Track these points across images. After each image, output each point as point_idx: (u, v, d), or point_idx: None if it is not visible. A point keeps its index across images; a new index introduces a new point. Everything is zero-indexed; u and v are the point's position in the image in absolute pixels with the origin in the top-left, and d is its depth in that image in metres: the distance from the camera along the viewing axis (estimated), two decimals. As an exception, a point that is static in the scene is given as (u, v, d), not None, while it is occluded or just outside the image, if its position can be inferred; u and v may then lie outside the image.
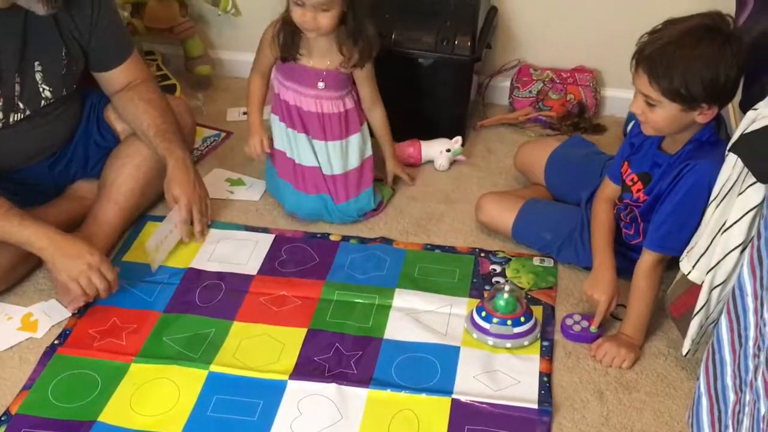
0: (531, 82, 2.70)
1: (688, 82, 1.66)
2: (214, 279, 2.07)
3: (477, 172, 2.48)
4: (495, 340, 1.87)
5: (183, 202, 2.07)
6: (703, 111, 1.71)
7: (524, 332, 1.87)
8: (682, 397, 1.78)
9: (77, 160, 2.20)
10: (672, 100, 1.70)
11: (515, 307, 1.88)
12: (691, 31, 1.68)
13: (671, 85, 1.68)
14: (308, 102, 2.17)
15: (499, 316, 1.87)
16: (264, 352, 1.86)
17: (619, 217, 1.99)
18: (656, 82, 1.69)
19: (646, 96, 1.72)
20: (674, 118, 1.74)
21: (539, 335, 1.90)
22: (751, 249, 1.39)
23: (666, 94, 1.69)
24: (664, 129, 1.78)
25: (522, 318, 1.87)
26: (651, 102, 1.73)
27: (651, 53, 1.69)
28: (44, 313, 1.97)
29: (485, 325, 1.88)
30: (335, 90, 2.18)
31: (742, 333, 1.40)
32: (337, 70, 2.16)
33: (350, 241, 2.20)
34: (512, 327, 1.86)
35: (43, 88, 2.01)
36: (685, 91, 1.67)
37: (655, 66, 1.68)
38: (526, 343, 1.88)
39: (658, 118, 1.75)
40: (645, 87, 1.72)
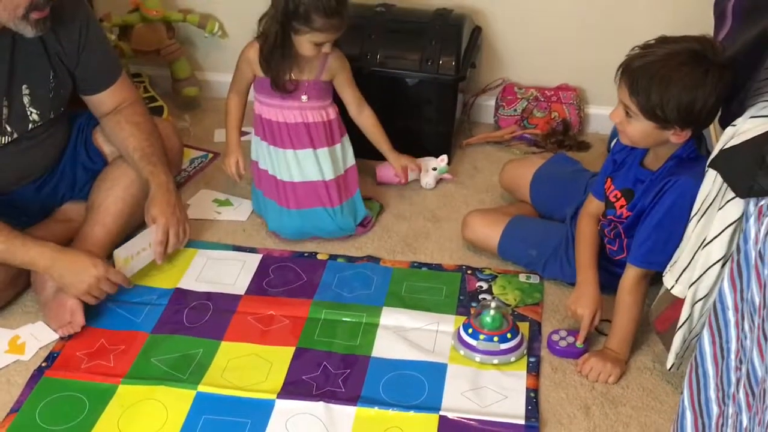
0: (516, 100, 2.73)
1: (664, 103, 1.68)
2: (202, 299, 2.07)
3: (463, 190, 2.50)
4: (482, 357, 1.88)
5: (160, 223, 2.08)
6: (676, 132, 1.74)
7: (511, 348, 1.89)
8: (667, 411, 1.79)
9: (65, 182, 2.21)
10: (647, 117, 1.73)
11: (502, 323, 1.89)
12: (677, 53, 1.69)
13: (648, 104, 1.70)
14: (294, 114, 2.19)
15: (486, 332, 1.88)
16: (252, 371, 1.87)
17: (603, 233, 2.01)
18: (635, 96, 1.72)
19: (626, 106, 1.75)
20: (648, 134, 1.77)
21: (526, 351, 1.91)
22: (731, 263, 1.41)
23: (641, 110, 1.72)
24: (639, 142, 1.81)
25: (508, 334, 1.89)
26: (629, 113, 1.76)
27: (636, 68, 1.71)
28: (32, 336, 1.97)
29: (472, 341, 1.89)
30: (318, 100, 2.21)
31: (724, 346, 1.41)
32: (317, 80, 2.18)
33: (338, 259, 2.21)
34: (499, 343, 1.87)
35: (30, 111, 2.02)
36: (660, 111, 1.70)
37: (636, 81, 1.71)
38: (512, 359, 1.89)
39: (634, 130, 1.78)
40: (625, 98, 1.75)
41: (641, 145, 1.84)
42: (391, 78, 2.49)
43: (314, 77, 2.19)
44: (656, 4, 2.51)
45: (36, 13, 1.83)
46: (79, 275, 1.92)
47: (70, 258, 1.93)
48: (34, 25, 1.86)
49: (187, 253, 2.21)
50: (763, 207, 1.34)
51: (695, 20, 2.00)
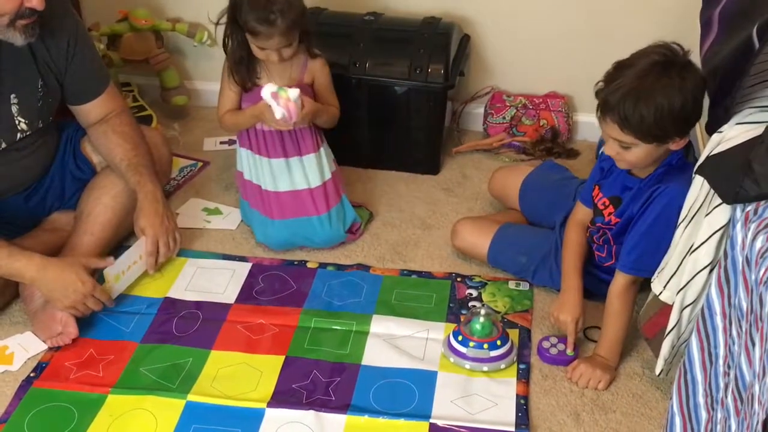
0: (504, 108, 2.74)
1: (659, 122, 1.69)
2: (192, 308, 2.07)
3: (452, 198, 2.51)
4: (472, 364, 1.88)
5: (149, 234, 2.07)
6: (676, 140, 1.76)
7: (501, 355, 1.89)
8: (657, 417, 1.79)
9: (54, 191, 2.20)
10: (647, 141, 1.73)
11: (491, 330, 1.90)
12: (646, 71, 1.69)
13: (643, 129, 1.70)
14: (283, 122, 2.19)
15: (476, 339, 1.88)
16: (242, 380, 1.86)
17: (591, 239, 2.02)
18: (628, 129, 1.71)
19: (620, 141, 1.75)
20: (650, 154, 1.78)
21: (515, 358, 1.92)
22: (719, 269, 1.41)
23: (640, 137, 1.72)
24: (641, 164, 1.82)
25: (498, 341, 1.89)
26: (624, 146, 1.76)
27: (617, 104, 1.69)
28: (20, 346, 1.96)
29: (462, 349, 1.89)
30: None
31: (712, 351, 1.42)
32: (300, 83, 2.19)
33: (327, 268, 2.21)
34: (489, 350, 1.88)
35: (18, 120, 2.01)
36: (658, 131, 1.71)
37: (624, 115, 1.69)
38: (503, 366, 1.89)
39: (634, 157, 1.78)
40: (617, 134, 1.74)
41: (643, 166, 1.83)
42: (379, 86, 2.50)
43: (297, 81, 2.19)
44: (643, 12, 2.52)
45: (23, 20, 1.83)
46: (65, 290, 1.91)
47: (58, 272, 1.92)
48: (22, 32, 1.85)
49: (177, 263, 2.21)
50: (749, 212, 1.35)
51: (681, 27, 2.02)
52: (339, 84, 2.34)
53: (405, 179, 2.58)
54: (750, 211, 1.35)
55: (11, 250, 1.91)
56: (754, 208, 1.35)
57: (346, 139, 2.38)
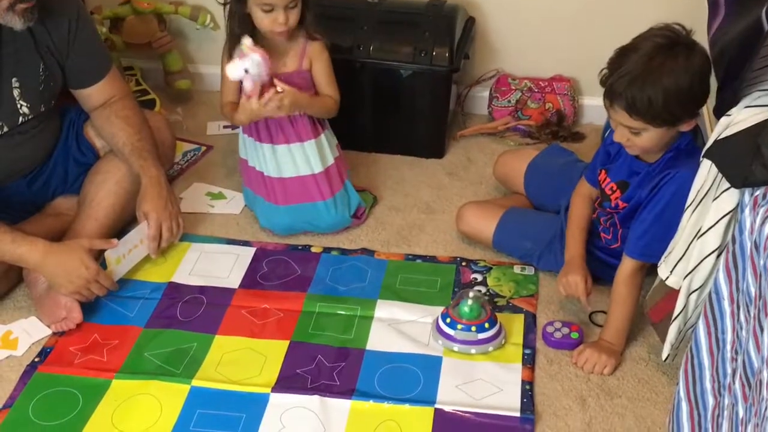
0: (509, 91, 2.72)
1: (668, 105, 1.67)
2: (196, 293, 2.06)
3: (457, 182, 2.49)
4: (460, 347, 1.88)
5: (153, 218, 2.07)
6: (687, 122, 1.74)
7: (489, 338, 1.88)
8: (663, 402, 1.79)
9: (57, 176, 2.19)
10: (657, 125, 1.72)
11: (480, 313, 1.89)
12: (650, 54, 1.67)
13: (653, 113, 1.68)
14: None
15: (464, 322, 1.88)
16: (246, 365, 1.86)
17: (598, 221, 2.00)
18: (637, 114, 1.69)
19: (630, 127, 1.74)
20: (661, 137, 1.76)
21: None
22: (726, 254, 1.40)
23: (649, 121, 1.71)
24: (653, 149, 1.80)
25: (486, 324, 1.88)
26: (634, 131, 1.74)
27: (624, 90, 1.68)
28: (24, 331, 1.96)
29: (450, 331, 1.89)
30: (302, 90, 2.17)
31: (719, 337, 1.41)
32: (300, 69, 2.17)
33: (331, 252, 2.20)
34: (477, 333, 1.87)
35: (20, 104, 2.00)
36: (667, 114, 1.69)
37: (631, 101, 1.68)
38: (490, 348, 1.88)
39: (646, 142, 1.76)
40: (626, 120, 1.72)
41: (655, 150, 1.81)
42: (383, 70, 2.48)
43: (296, 67, 2.17)
44: (649, -6, 2.50)
45: (23, 4, 1.82)
46: (69, 276, 1.90)
47: (61, 257, 1.91)
48: (21, 15, 1.84)
49: (180, 247, 2.20)
50: (758, 197, 1.34)
51: (688, 8, 1.99)
52: (342, 67, 2.32)
53: (409, 163, 2.57)
54: (759, 196, 1.34)
55: (14, 236, 1.91)
56: (762, 192, 1.34)
57: (350, 123, 2.37)
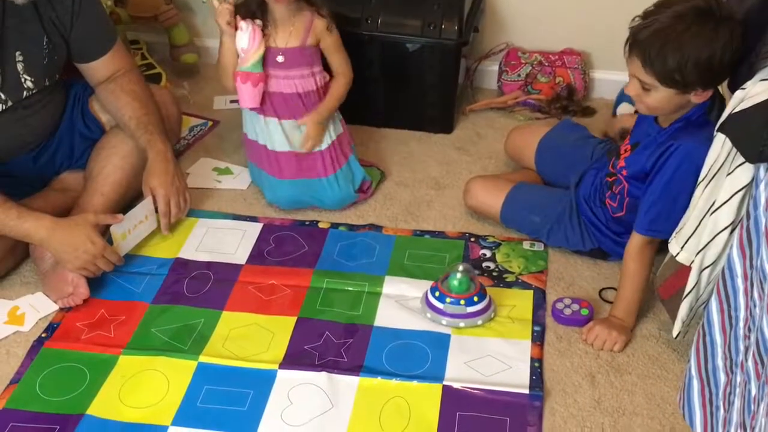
0: (519, 65, 2.68)
1: (682, 67, 1.65)
2: (203, 269, 2.05)
3: (466, 157, 2.47)
4: (449, 320, 1.87)
5: (160, 194, 2.06)
6: (697, 92, 1.71)
7: (478, 311, 1.87)
8: (673, 379, 1.77)
9: (62, 151, 2.18)
10: (667, 85, 1.69)
11: (469, 286, 1.87)
12: (683, 14, 1.65)
13: (665, 71, 1.67)
14: (287, 84, 2.15)
15: (453, 296, 1.86)
16: (253, 341, 1.85)
17: (609, 187, 1.98)
18: (650, 67, 1.68)
19: (641, 80, 1.72)
20: (669, 101, 1.74)
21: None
22: (741, 230, 1.38)
23: (660, 79, 1.69)
24: (659, 110, 1.78)
25: (475, 297, 1.87)
26: (645, 87, 1.72)
27: (644, 39, 1.67)
28: (31, 307, 1.95)
29: (439, 305, 1.87)
30: (305, 67, 2.15)
31: (732, 314, 1.39)
32: (303, 45, 2.14)
33: (339, 228, 2.19)
34: (465, 306, 1.86)
35: (24, 78, 1.98)
36: (679, 76, 1.66)
37: (648, 52, 1.67)
38: (479, 322, 1.87)
39: (653, 101, 1.74)
40: (639, 72, 1.71)
41: (662, 113, 1.79)
42: (392, 43, 2.45)
43: (300, 43, 2.14)
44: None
45: None
46: (75, 251, 1.89)
47: (67, 232, 1.90)
48: None
49: (187, 223, 2.19)
50: (773, 172, 1.31)
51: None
52: (350, 41, 2.29)
53: (417, 138, 2.55)
54: (774, 171, 1.31)
55: (20, 211, 1.90)
56: (778, 167, 1.31)
57: (358, 97, 2.34)
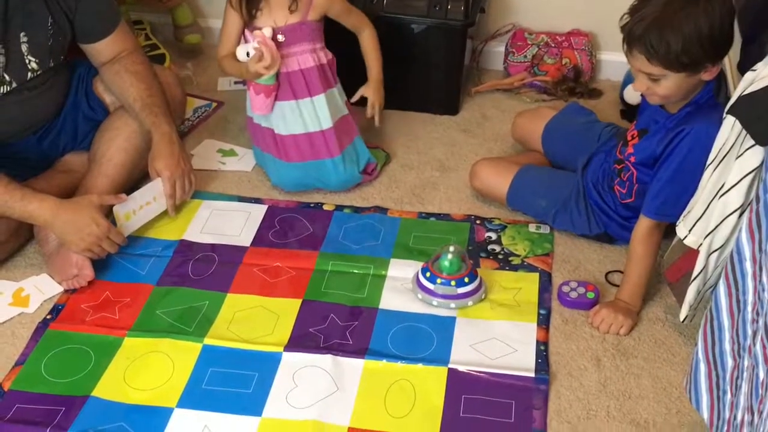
0: (526, 46, 2.66)
1: (687, 49, 1.64)
2: (207, 251, 2.05)
3: (472, 139, 2.45)
4: (439, 301, 1.87)
5: (166, 176, 2.05)
6: (708, 69, 1.70)
7: (469, 292, 1.87)
8: (680, 362, 1.77)
9: (66, 132, 2.17)
10: (676, 70, 1.68)
11: (460, 267, 1.87)
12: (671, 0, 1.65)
13: (671, 57, 1.66)
14: (289, 62, 2.13)
15: (444, 276, 1.86)
16: (258, 323, 1.85)
17: (617, 174, 1.96)
18: (656, 59, 1.67)
19: (648, 74, 1.71)
20: (680, 85, 1.73)
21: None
22: (750, 213, 1.36)
23: (668, 66, 1.68)
24: (673, 97, 1.77)
25: (466, 278, 1.86)
26: (654, 78, 1.71)
27: (642, 32, 1.66)
28: (36, 288, 1.95)
29: (430, 285, 1.87)
30: (306, 43, 2.14)
31: (740, 298, 1.38)
32: (304, 20, 2.12)
33: (344, 210, 2.18)
34: (456, 287, 1.86)
35: (29, 59, 1.97)
36: (686, 57, 1.66)
37: (649, 43, 1.66)
38: (470, 303, 1.87)
39: (665, 89, 1.73)
40: (645, 66, 1.70)
41: (676, 99, 1.78)
42: (397, 24, 2.43)
43: (300, 18, 2.12)
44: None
45: None
46: (79, 233, 1.89)
47: (72, 214, 1.89)
48: None
49: (192, 205, 2.18)
50: (784, 155, 1.30)
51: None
52: (355, 22, 2.28)
53: (423, 120, 2.53)
54: (785, 154, 1.30)
55: (24, 193, 1.89)
56: (789, 150, 1.30)
57: (363, 78, 2.33)
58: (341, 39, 2.26)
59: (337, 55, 2.23)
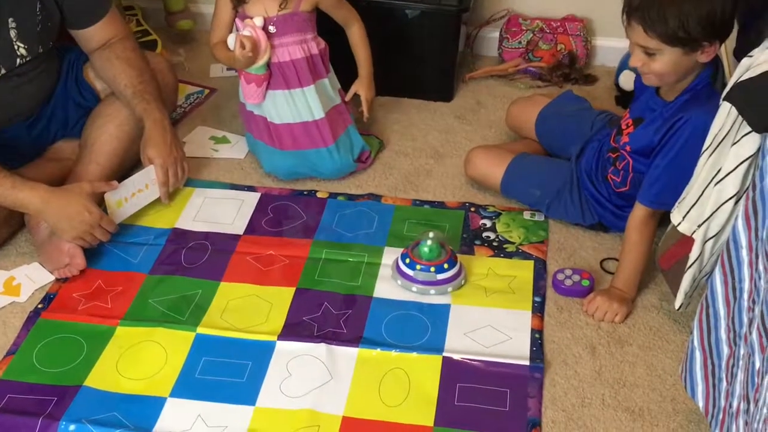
0: (520, 32, 2.64)
1: (685, 23, 1.62)
2: (200, 239, 2.03)
3: (466, 126, 2.44)
4: (419, 287, 1.86)
5: (158, 163, 2.03)
6: (705, 49, 1.68)
7: (448, 279, 1.86)
8: (674, 350, 1.76)
9: (57, 120, 2.15)
10: (672, 45, 1.67)
11: (439, 253, 1.86)
12: None
13: (668, 31, 1.64)
14: (281, 52, 2.10)
15: (423, 263, 1.85)
16: (252, 312, 1.84)
17: (612, 163, 1.95)
18: (652, 30, 1.66)
19: (644, 47, 1.69)
20: (677, 63, 1.71)
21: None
22: (746, 200, 1.36)
23: (665, 40, 1.66)
24: (669, 76, 1.75)
25: (445, 264, 1.86)
26: (650, 52, 1.69)
27: (640, 3, 1.65)
28: (27, 277, 1.94)
29: (409, 272, 1.87)
30: (297, 33, 2.11)
31: (736, 286, 1.38)
32: (296, 11, 2.10)
33: (338, 198, 2.16)
34: (435, 274, 1.85)
35: (18, 45, 1.95)
36: (683, 33, 1.64)
37: (647, 15, 1.64)
38: (449, 289, 1.86)
39: (661, 66, 1.71)
40: (642, 38, 1.68)
41: (671, 80, 1.76)
42: (390, 9, 2.41)
43: (292, 9, 2.10)
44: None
45: None
46: (71, 221, 1.87)
47: (63, 202, 1.88)
48: None
49: (184, 192, 2.17)
50: (781, 142, 1.29)
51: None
52: (348, 7, 2.26)
53: (417, 106, 2.52)
54: (782, 141, 1.29)
55: (15, 181, 1.87)
56: (786, 137, 1.29)
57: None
58: (336, 25, 2.23)
59: (331, 42, 2.21)
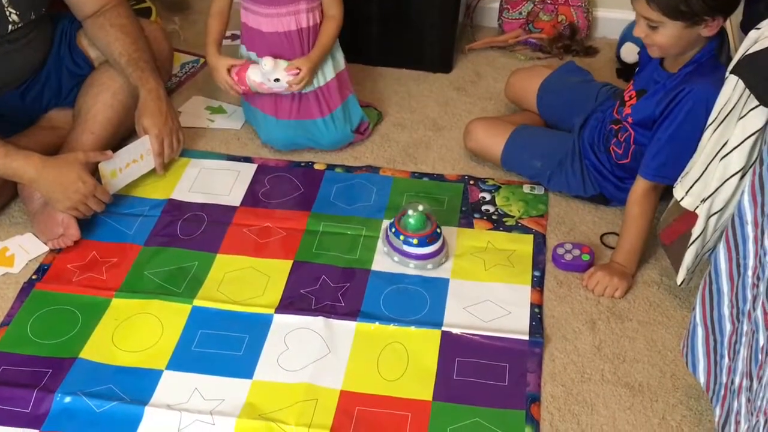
0: (521, 2, 2.61)
1: None
2: (196, 210, 2.01)
3: (465, 98, 2.41)
4: (400, 258, 1.85)
5: (154, 133, 2.00)
6: (707, 24, 1.66)
7: (429, 254, 1.84)
8: (674, 325, 1.75)
9: (50, 88, 2.12)
10: (674, 18, 1.64)
11: (424, 225, 1.84)
12: None
13: (670, 3, 1.62)
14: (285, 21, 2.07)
15: (408, 233, 1.84)
16: (249, 285, 1.82)
17: (615, 135, 1.93)
18: (654, 2, 1.64)
19: (647, 19, 1.67)
20: (679, 36, 1.69)
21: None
22: (753, 175, 1.34)
23: (666, 13, 1.64)
24: (671, 49, 1.73)
25: (428, 239, 1.84)
26: (653, 24, 1.67)
27: None
28: (20, 248, 1.91)
29: (394, 241, 1.86)
30: (291, 4, 2.06)
31: (741, 262, 1.36)
32: None
33: (335, 169, 2.14)
34: (417, 247, 1.83)
35: (9, 11, 1.91)
36: (684, 6, 1.62)
37: None
38: (429, 266, 1.85)
39: (663, 38, 1.69)
40: (644, 10, 1.66)
41: (674, 52, 1.74)
42: (390, -22, 2.37)
43: None
44: None
45: None
46: (65, 191, 1.84)
47: (57, 171, 1.85)
48: None
49: (180, 163, 2.14)
50: (790, 116, 1.27)
51: None
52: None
53: (416, 78, 2.48)
54: (791, 115, 1.27)
55: (8, 150, 1.84)
56: (795, 111, 1.27)
57: (355, 35, 2.27)
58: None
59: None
